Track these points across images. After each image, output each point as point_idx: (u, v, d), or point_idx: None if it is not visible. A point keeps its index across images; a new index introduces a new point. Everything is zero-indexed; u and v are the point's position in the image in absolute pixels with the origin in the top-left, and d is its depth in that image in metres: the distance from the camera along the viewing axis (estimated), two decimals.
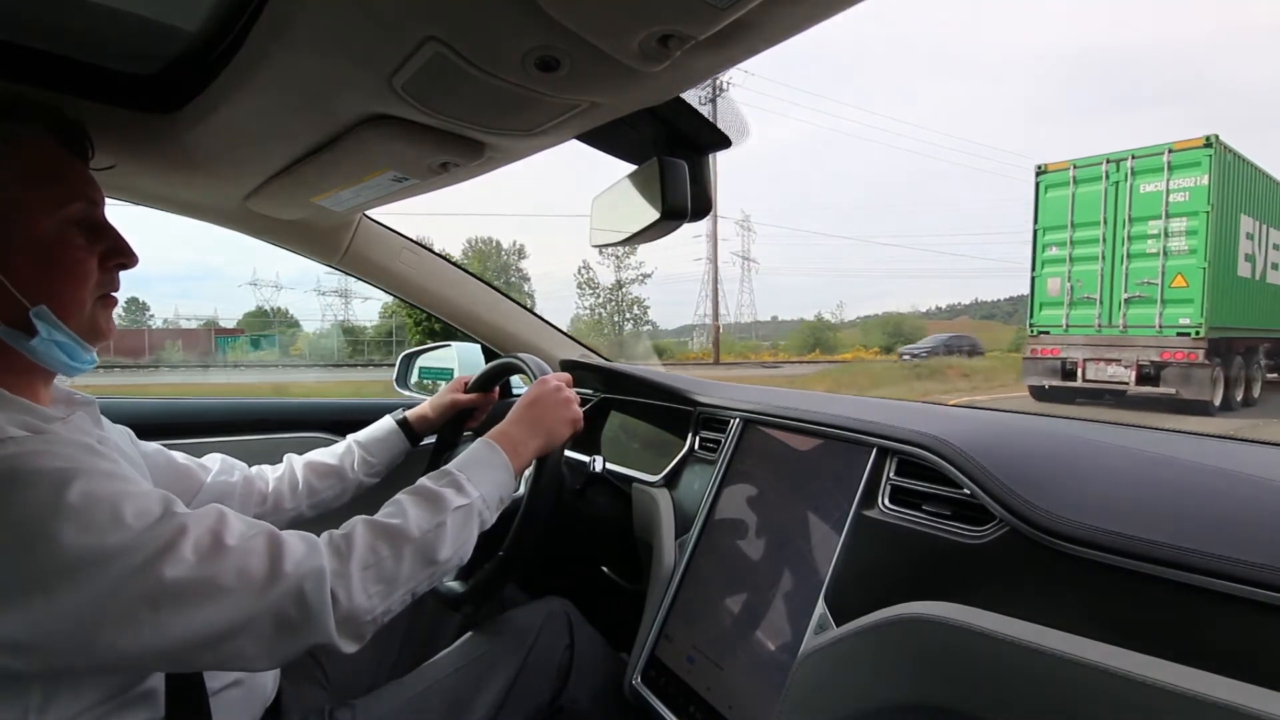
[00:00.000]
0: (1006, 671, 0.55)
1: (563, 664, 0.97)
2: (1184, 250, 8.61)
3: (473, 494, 0.77)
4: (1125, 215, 8.99)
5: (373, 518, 0.71)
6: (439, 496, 0.75)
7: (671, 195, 0.77)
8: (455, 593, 0.98)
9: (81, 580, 0.53)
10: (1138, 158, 8.83)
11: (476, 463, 0.82)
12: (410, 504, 0.73)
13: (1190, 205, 8.58)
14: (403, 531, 0.70)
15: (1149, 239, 8.85)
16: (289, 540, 0.63)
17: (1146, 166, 8.85)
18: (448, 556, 0.73)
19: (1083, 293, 9.39)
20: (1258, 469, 0.70)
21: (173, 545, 0.57)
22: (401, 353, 1.74)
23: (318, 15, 0.52)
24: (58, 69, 0.69)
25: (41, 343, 0.63)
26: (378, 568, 0.67)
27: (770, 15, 0.48)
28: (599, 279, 35.57)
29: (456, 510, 0.75)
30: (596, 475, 1.18)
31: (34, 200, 0.63)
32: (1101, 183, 9.17)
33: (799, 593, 0.82)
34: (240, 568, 0.59)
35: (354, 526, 0.69)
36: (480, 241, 40.91)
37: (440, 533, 0.72)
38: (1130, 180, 9.02)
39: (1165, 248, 8.77)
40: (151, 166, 0.91)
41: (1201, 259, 8.47)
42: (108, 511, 0.55)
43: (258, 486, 1.00)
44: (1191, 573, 0.52)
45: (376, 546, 0.68)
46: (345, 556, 0.65)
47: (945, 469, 0.73)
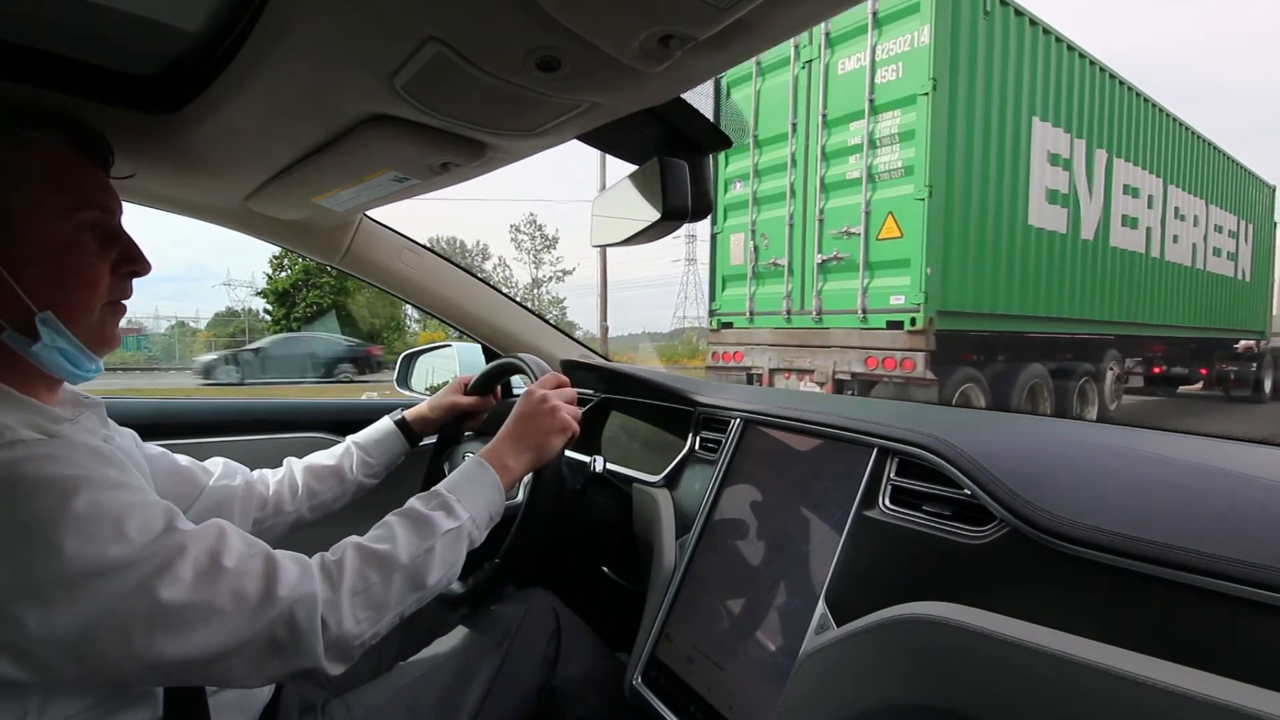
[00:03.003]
0: (1007, 672, 0.55)
1: (549, 650, 0.98)
2: (896, 171, 4.93)
3: (462, 516, 0.77)
4: (819, 117, 5.31)
5: (363, 542, 0.71)
6: (428, 520, 0.75)
7: (672, 195, 0.77)
8: (454, 593, 0.98)
9: (80, 593, 0.53)
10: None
11: (466, 482, 0.82)
12: (400, 528, 0.73)
13: (903, 87, 4.82)
14: (392, 558, 0.70)
15: (849, 156, 5.17)
16: (284, 563, 0.64)
17: (847, 29, 5.12)
18: (436, 580, 0.74)
19: (769, 256, 5.76)
20: (1258, 469, 0.70)
21: (171, 564, 0.57)
22: (403, 352, 1.75)
23: (319, 15, 0.52)
24: (58, 69, 0.69)
25: (44, 349, 0.63)
26: (367, 594, 0.67)
27: (770, 15, 0.48)
28: (515, 278, 33.71)
29: (446, 534, 0.75)
30: (597, 475, 1.18)
31: (48, 206, 0.63)
32: (790, 67, 5.51)
33: (799, 593, 0.82)
34: (235, 591, 0.60)
35: (344, 551, 0.69)
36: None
37: (429, 558, 0.73)
38: (825, 56, 5.25)
39: (869, 168, 5.01)
40: (152, 167, 0.91)
41: (921, 186, 4.76)
42: (111, 524, 0.56)
43: (258, 491, 1.00)
44: (1192, 573, 0.52)
45: (366, 573, 0.68)
46: (336, 582, 0.66)
47: (946, 469, 0.73)
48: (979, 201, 5.25)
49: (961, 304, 5.23)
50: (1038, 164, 5.75)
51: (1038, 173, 5.76)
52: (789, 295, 5.77)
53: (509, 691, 0.93)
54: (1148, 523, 0.57)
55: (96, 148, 0.69)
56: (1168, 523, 0.57)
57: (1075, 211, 6.22)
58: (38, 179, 0.63)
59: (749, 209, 6.02)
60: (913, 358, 5.00)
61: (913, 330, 4.96)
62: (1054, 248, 6.06)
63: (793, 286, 5.75)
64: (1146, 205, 7.29)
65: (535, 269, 34.10)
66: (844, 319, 5.43)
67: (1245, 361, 10.19)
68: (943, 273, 5.01)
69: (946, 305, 5.09)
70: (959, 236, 5.13)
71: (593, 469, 1.18)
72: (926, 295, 4.90)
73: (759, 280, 6.05)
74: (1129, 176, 6.90)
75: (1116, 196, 6.73)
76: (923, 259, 4.88)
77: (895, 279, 5.07)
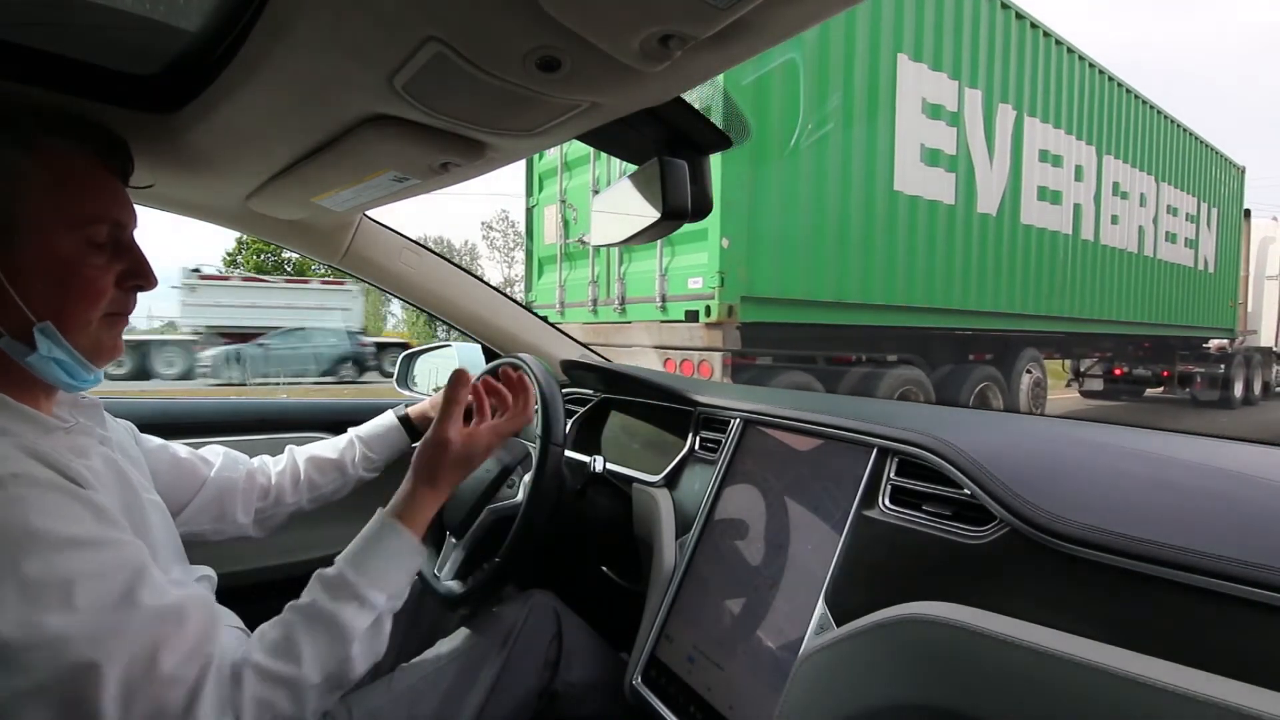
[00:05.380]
0: (1007, 672, 0.55)
1: (550, 652, 0.98)
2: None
3: (378, 603, 0.69)
4: None
5: (265, 664, 0.62)
6: (339, 625, 0.66)
7: (672, 195, 0.77)
8: (454, 594, 0.98)
9: (4, 660, 0.50)
10: None
11: (377, 555, 0.73)
12: (307, 641, 0.65)
13: None
14: (298, 681, 0.63)
15: None
16: (207, 694, 0.58)
17: None
18: (361, 671, 0.68)
19: (579, 230, 4.86)
20: (1258, 469, 0.70)
21: (99, 665, 0.53)
22: (403, 352, 1.75)
23: (319, 15, 0.52)
24: (58, 69, 0.69)
25: (40, 359, 0.62)
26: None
27: (771, 15, 0.48)
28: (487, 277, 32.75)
29: (364, 634, 0.68)
30: (597, 475, 1.19)
31: (56, 216, 0.61)
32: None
33: (799, 593, 0.82)
34: (156, 708, 0.55)
35: (244, 679, 0.60)
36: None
37: (346, 665, 0.66)
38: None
39: None
40: (152, 167, 0.91)
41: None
42: (59, 591, 0.52)
43: (259, 481, 1.00)
44: (1192, 573, 0.52)
45: (274, 701, 0.61)
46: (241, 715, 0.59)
47: (946, 469, 0.73)
48: (814, 155, 4.09)
49: (785, 289, 4.03)
50: (907, 114, 4.58)
51: (907, 124, 4.58)
52: (594, 281, 4.67)
53: (510, 695, 0.92)
54: (1148, 522, 0.57)
55: (118, 156, 0.68)
56: (1168, 522, 0.57)
57: (968, 178, 5.04)
58: (49, 187, 0.61)
59: (558, 175, 4.84)
60: (709, 360, 3.84)
61: (709, 323, 3.81)
62: (934, 221, 4.83)
63: (599, 269, 4.63)
64: (1074, 177, 6.13)
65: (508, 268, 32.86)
66: (645, 309, 4.28)
67: (1213, 362, 9.25)
68: (750, 247, 3.83)
69: (757, 290, 3.90)
70: (779, 199, 3.92)
71: (593, 469, 1.18)
72: (723, 276, 3.71)
73: (569, 262, 4.99)
74: (1047, 141, 5.77)
75: (1030, 164, 5.58)
76: (718, 224, 3.66)
77: (694, 256, 3.88)
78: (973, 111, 5.07)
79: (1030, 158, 5.65)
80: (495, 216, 32.98)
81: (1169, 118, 7.70)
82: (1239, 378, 9.48)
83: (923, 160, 4.77)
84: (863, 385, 4.88)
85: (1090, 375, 9.17)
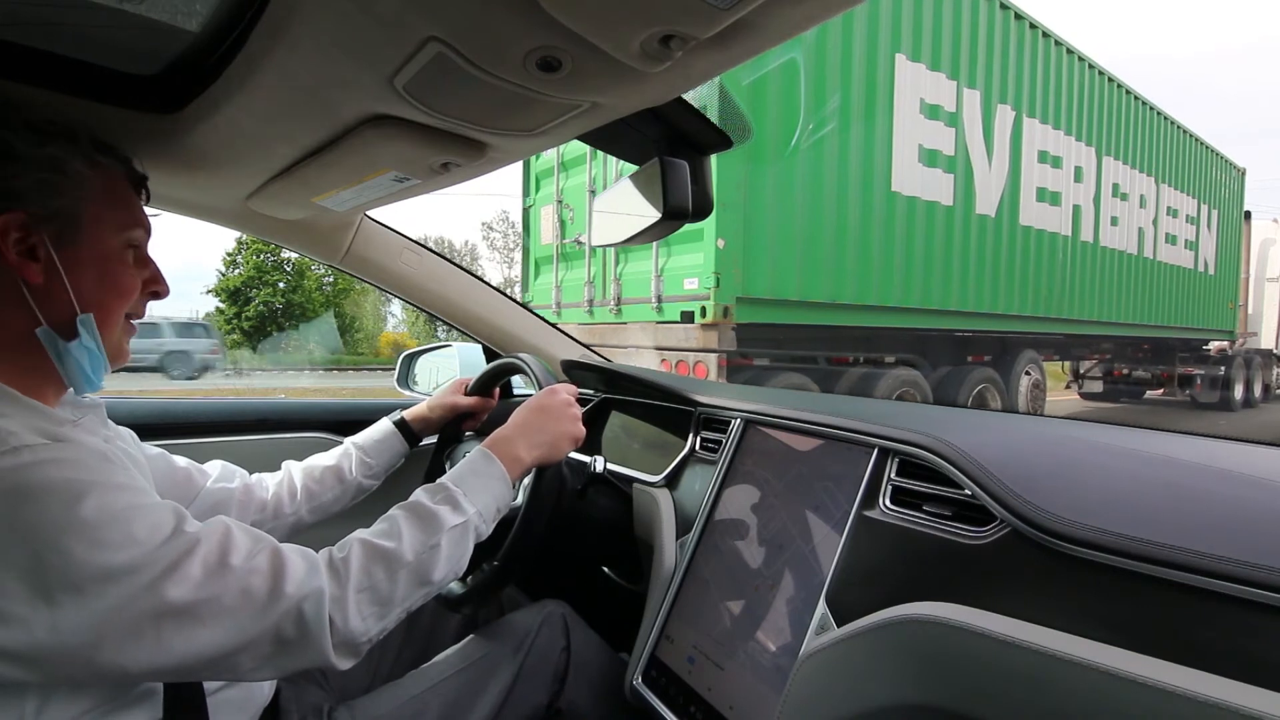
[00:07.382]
0: (1007, 672, 0.55)
1: (560, 666, 0.97)
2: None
3: (469, 510, 0.77)
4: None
5: (369, 538, 0.71)
6: (434, 516, 0.74)
7: (673, 195, 0.77)
8: (454, 594, 0.98)
9: (89, 597, 0.53)
10: None
11: (473, 474, 0.81)
12: (405, 523, 0.73)
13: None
14: (397, 555, 0.70)
15: None
16: (291, 559, 0.64)
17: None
18: (443, 576, 0.73)
19: (576, 231, 4.86)
20: (1259, 470, 0.70)
21: (179, 564, 0.57)
22: (404, 353, 1.75)
23: (319, 15, 0.52)
24: (59, 69, 0.69)
25: (77, 348, 0.66)
26: (372, 591, 0.67)
27: (772, 15, 0.48)
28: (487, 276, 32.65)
29: (452, 530, 0.74)
30: (597, 476, 1.18)
31: (109, 219, 0.69)
32: None
33: (800, 593, 0.82)
34: (243, 588, 0.60)
35: (350, 548, 0.69)
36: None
37: (435, 554, 0.72)
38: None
39: None
40: (153, 167, 0.91)
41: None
42: (120, 527, 0.56)
43: (257, 495, 1.00)
44: (1191, 573, 0.52)
45: (372, 570, 0.68)
46: (343, 580, 0.66)
47: (946, 469, 0.73)
48: (811, 155, 4.10)
49: (781, 290, 4.03)
50: (905, 114, 4.56)
51: (905, 125, 4.56)
52: (590, 281, 4.66)
53: (516, 710, 0.92)
54: (1149, 523, 0.57)
55: (140, 181, 0.76)
56: (1169, 523, 0.57)
57: (966, 179, 5.03)
58: (105, 195, 0.69)
59: (555, 175, 4.86)
60: (705, 362, 3.85)
61: (704, 324, 3.80)
62: (932, 222, 4.82)
63: (595, 270, 4.62)
64: (1073, 178, 6.12)
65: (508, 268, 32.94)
66: (641, 310, 4.28)
67: (1213, 364, 9.25)
68: (746, 248, 3.85)
69: (753, 291, 3.92)
70: (775, 200, 3.94)
71: (593, 469, 1.18)
72: (718, 277, 3.71)
73: (565, 262, 5.00)
74: (1046, 142, 5.75)
75: (1029, 165, 5.57)
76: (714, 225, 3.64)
77: (689, 257, 3.88)
78: (971, 112, 5.07)
79: (1029, 158, 5.65)
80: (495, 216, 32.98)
81: (1169, 119, 7.73)
82: (1239, 379, 9.47)
83: (921, 161, 4.77)
84: (860, 387, 4.87)
85: (1090, 377, 9.12)
